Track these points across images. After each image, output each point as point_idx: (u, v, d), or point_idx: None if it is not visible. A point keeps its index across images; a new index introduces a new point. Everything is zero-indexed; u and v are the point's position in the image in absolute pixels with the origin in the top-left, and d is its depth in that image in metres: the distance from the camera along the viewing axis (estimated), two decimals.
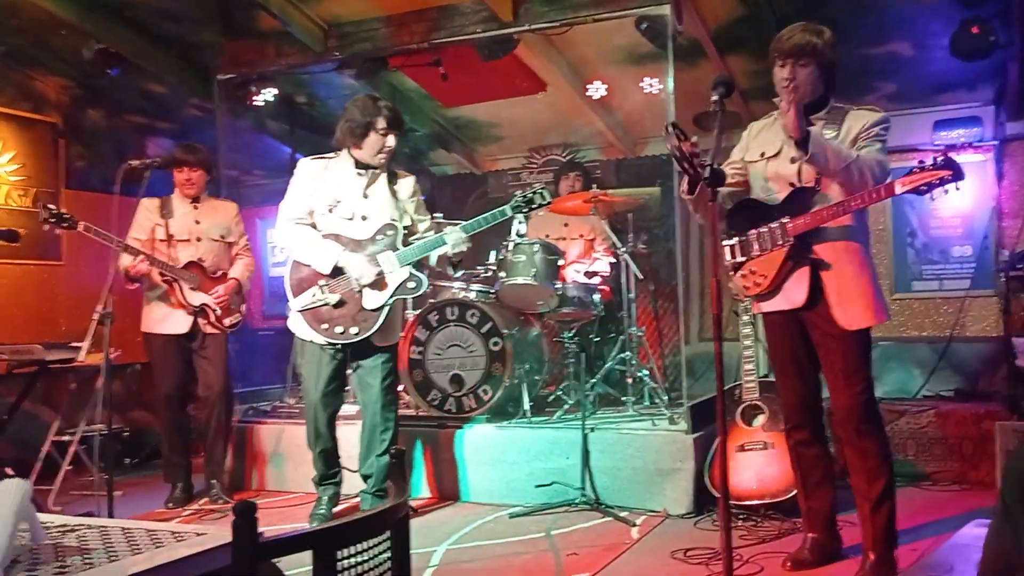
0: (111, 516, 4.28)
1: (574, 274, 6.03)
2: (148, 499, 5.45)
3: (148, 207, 5.27)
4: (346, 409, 6.04)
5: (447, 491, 5.25)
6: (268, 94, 6.47)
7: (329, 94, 7.09)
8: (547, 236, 6.29)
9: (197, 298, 5.25)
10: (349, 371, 4.76)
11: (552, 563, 3.94)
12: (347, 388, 4.95)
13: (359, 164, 4.60)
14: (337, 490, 4.84)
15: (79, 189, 6.72)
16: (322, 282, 4.50)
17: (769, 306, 3.68)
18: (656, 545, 4.17)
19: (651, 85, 6.45)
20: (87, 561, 1.76)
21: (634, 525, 4.48)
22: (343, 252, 4.49)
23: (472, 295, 5.76)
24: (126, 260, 5.03)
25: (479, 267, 5.95)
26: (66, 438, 5.54)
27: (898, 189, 3.27)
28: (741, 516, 4.44)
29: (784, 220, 3.53)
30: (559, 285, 5.60)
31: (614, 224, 6.20)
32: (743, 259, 3.67)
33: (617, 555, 4.00)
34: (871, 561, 3.48)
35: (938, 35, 5.57)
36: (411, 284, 4.54)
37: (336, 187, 4.58)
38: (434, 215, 6.05)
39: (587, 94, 6.76)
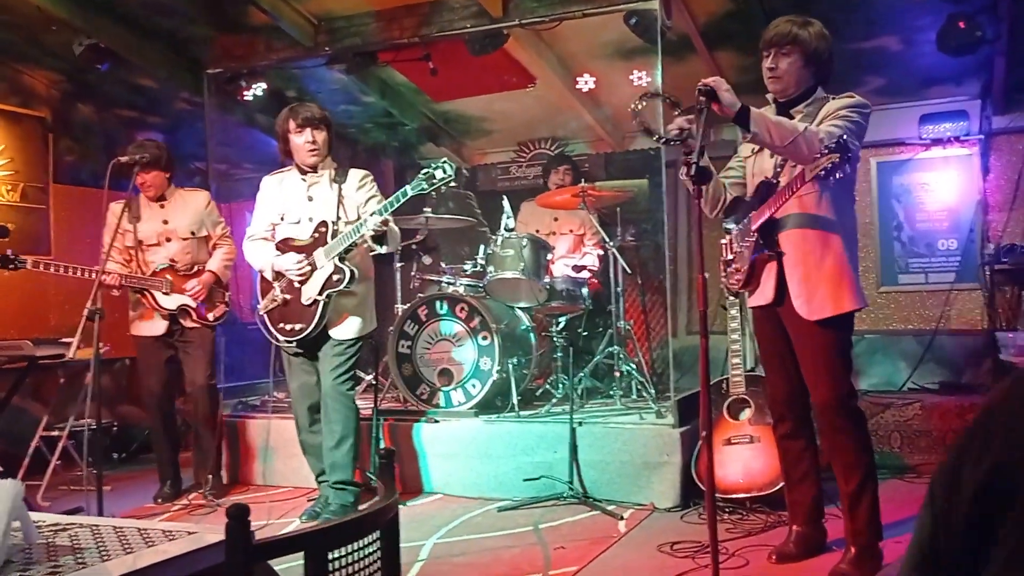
0: (100, 511, 4.29)
1: (563, 268, 6.05)
2: (137, 494, 5.47)
3: (115, 212, 5.11)
4: None
5: (436, 485, 5.29)
6: (258, 89, 6.46)
7: (319, 89, 7.09)
8: (536, 231, 6.32)
9: (172, 301, 5.23)
10: None
11: (540, 557, 3.97)
12: None
13: (301, 170, 4.78)
14: None
15: (68, 184, 6.71)
16: (276, 285, 4.73)
17: (752, 301, 3.74)
18: (643, 538, 4.20)
19: (640, 79, 6.46)
20: (79, 561, 1.78)
21: (621, 519, 4.52)
22: (277, 256, 4.70)
23: (461, 289, 5.78)
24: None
25: (468, 262, 5.97)
26: (55, 433, 5.55)
27: (807, 176, 3.23)
28: (727, 509, 4.47)
29: (751, 215, 3.59)
30: (547, 279, 5.63)
31: (603, 218, 6.23)
32: (731, 256, 3.73)
33: (604, 548, 4.04)
34: (852, 554, 3.51)
35: (925, 30, 5.61)
36: (336, 276, 4.61)
37: (286, 197, 4.80)
38: (424, 209, 6.11)
39: (576, 88, 6.78)
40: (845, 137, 3.14)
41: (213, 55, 6.36)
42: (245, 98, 6.50)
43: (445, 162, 4.45)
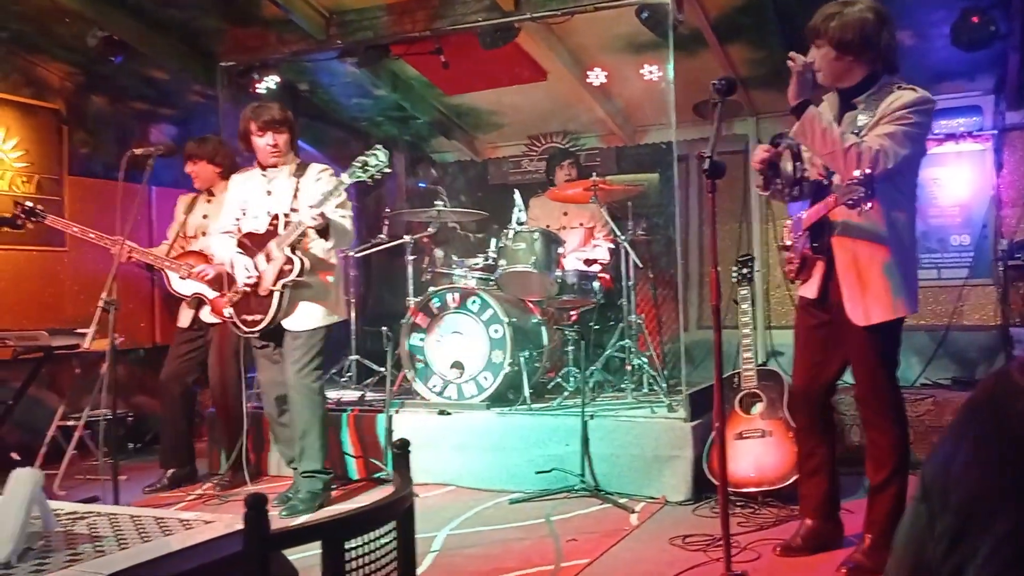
0: (116, 500, 4.33)
1: (574, 262, 6.05)
2: (151, 484, 5.49)
3: (178, 205, 5.60)
4: (348, 395, 6.11)
5: (449, 477, 5.30)
6: (270, 81, 6.47)
7: (331, 82, 7.11)
8: (547, 225, 6.33)
9: (187, 287, 5.33)
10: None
11: (552, 549, 3.98)
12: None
13: (263, 167, 4.86)
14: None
15: (82, 175, 6.72)
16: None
17: (800, 291, 3.75)
18: (655, 531, 4.21)
19: (651, 73, 6.46)
20: (98, 548, 1.81)
21: (633, 511, 4.53)
22: (235, 251, 4.78)
23: (473, 282, 5.79)
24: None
25: (480, 255, 5.99)
26: (71, 423, 5.58)
27: (838, 202, 3.25)
28: (739, 503, 4.47)
29: (806, 210, 3.62)
30: (559, 272, 5.64)
31: (614, 212, 6.23)
32: (787, 244, 3.77)
33: (616, 541, 4.05)
34: (866, 544, 3.51)
35: (939, 24, 5.59)
36: (287, 267, 4.64)
37: (248, 193, 4.89)
38: (435, 202, 6.12)
39: (587, 82, 6.77)
40: (878, 165, 3.18)
41: (225, 47, 6.38)
42: (258, 91, 6.50)
43: (379, 148, 4.52)
